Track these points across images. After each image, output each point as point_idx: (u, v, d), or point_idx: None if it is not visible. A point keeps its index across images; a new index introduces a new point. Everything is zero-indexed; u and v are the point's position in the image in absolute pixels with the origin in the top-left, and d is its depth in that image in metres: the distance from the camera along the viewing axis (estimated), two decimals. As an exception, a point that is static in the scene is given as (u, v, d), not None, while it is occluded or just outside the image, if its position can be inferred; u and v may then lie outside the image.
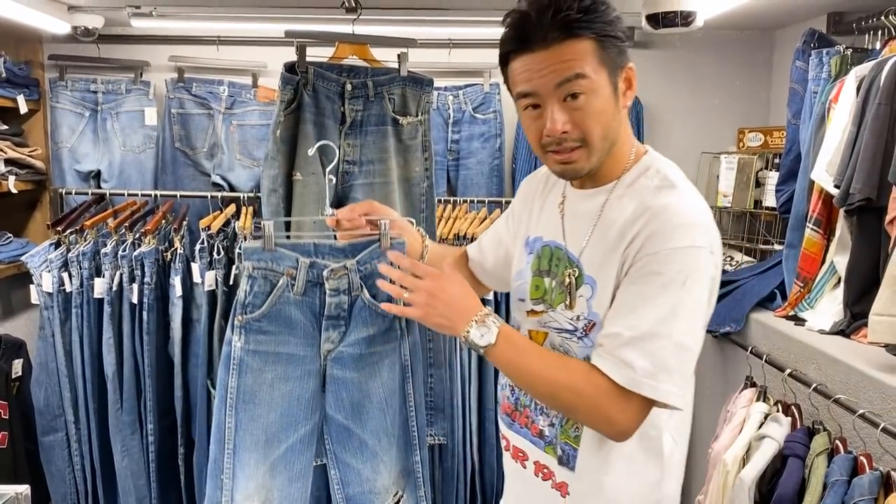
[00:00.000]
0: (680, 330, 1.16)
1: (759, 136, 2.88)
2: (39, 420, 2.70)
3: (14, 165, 2.88)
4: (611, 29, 1.18)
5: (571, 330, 1.29)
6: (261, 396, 1.51)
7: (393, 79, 2.14)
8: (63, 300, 2.64)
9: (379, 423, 1.59)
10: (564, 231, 1.34)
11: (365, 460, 1.59)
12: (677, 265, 1.15)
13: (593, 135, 1.20)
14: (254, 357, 1.51)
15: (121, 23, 2.86)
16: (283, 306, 1.51)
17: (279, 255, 1.49)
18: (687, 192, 1.24)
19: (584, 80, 1.16)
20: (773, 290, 2.35)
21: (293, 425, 1.54)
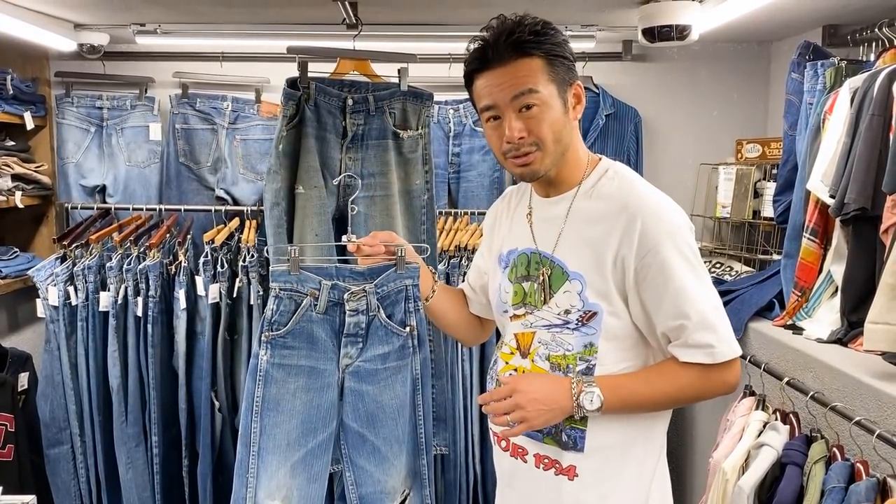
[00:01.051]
0: (711, 294, 1.36)
1: (757, 147, 2.90)
2: (45, 433, 2.72)
3: (21, 181, 2.92)
4: (559, 49, 1.35)
5: (561, 323, 1.41)
6: (283, 405, 1.62)
7: (393, 93, 2.18)
8: (69, 313, 2.66)
9: (391, 431, 1.69)
10: (534, 236, 1.47)
11: (377, 464, 1.69)
12: (678, 247, 1.33)
13: (546, 138, 1.36)
14: (278, 369, 1.61)
15: (126, 40, 2.90)
16: (307, 324, 1.61)
17: (304, 278, 1.60)
18: (645, 184, 1.42)
19: (535, 94, 1.33)
20: (771, 300, 2.37)
21: (312, 431, 1.64)
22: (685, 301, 1.32)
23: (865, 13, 2.37)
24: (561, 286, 1.40)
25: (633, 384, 1.39)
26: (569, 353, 1.40)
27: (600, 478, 1.42)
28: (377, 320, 1.64)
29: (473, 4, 2.41)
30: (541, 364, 1.44)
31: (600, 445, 1.41)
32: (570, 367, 1.40)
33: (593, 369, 1.39)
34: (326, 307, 1.61)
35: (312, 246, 2.07)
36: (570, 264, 1.40)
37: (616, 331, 1.38)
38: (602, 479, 1.42)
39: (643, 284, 1.34)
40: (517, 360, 1.49)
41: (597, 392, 1.34)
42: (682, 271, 1.32)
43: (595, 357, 1.39)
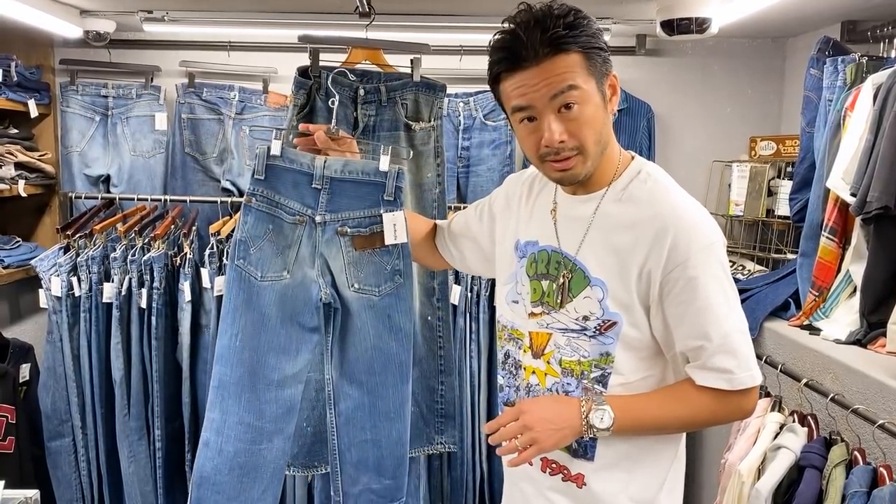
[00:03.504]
0: (737, 317, 1.29)
1: (772, 145, 2.87)
2: (46, 425, 2.70)
3: (24, 169, 2.88)
4: (595, 41, 1.25)
5: (579, 329, 1.35)
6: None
7: (406, 84, 2.13)
8: (71, 304, 2.63)
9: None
10: (558, 234, 1.40)
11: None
12: (709, 264, 1.26)
13: (588, 141, 1.27)
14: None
15: (132, 28, 2.86)
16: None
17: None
18: (680, 192, 1.33)
19: (576, 90, 1.23)
20: (786, 300, 2.33)
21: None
22: (708, 321, 1.26)
23: (885, 9, 2.33)
24: (581, 291, 1.35)
25: (645, 405, 1.33)
26: (584, 359, 1.36)
27: (609, 487, 1.38)
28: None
29: (487, -6, 2.37)
30: (554, 367, 1.40)
31: (611, 455, 1.37)
32: (584, 373, 1.36)
33: (608, 377, 1.34)
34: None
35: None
36: (593, 270, 1.34)
37: (634, 342, 1.33)
38: (611, 489, 1.38)
39: (667, 299, 1.28)
40: (529, 359, 1.44)
41: (608, 410, 1.28)
42: (710, 290, 1.26)
43: (611, 366, 1.34)
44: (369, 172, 1.56)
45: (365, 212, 1.57)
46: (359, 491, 1.69)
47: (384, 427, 1.66)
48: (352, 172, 1.56)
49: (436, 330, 2.25)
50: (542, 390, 1.42)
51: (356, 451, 1.67)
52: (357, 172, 1.56)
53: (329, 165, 1.55)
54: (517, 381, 1.47)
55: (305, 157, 1.55)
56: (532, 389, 1.44)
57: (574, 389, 1.37)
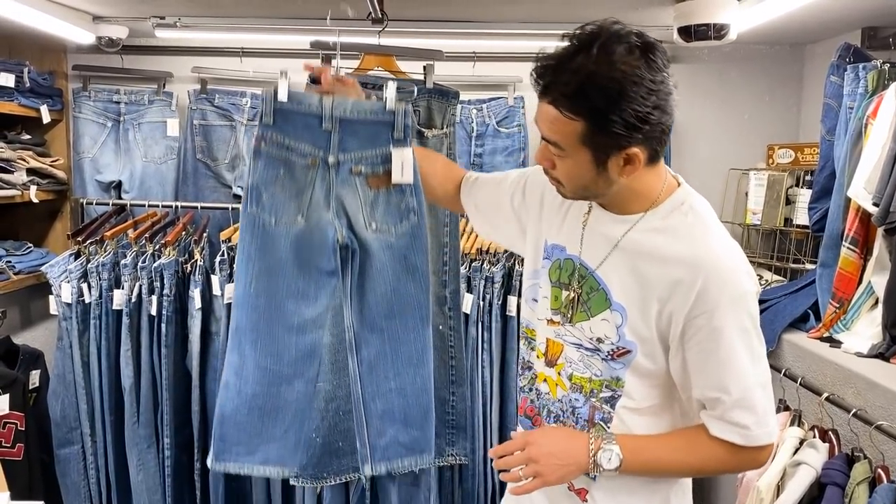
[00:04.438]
0: (760, 371, 1.24)
1: (790, 153, 2.82)
2: (55, 432, 2.67)
3: (36, 175, 2.87)
4: (612, 121, 1.13)
5: (592, 349, 1.32)
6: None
7: (419, 91, 2.11)
8: (82, 311, 2.61)
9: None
10: (582, 244, 1.36)
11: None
12: (738, 315, 1.20)
13: (567, 184, 1.27)
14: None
15: (145, 34, 2.86)
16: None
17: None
18: (721, 233, 1.27)
19: (556, 149, 1.21)
20: (806, 311, 2.29)
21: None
22: (729, 374, 1.22)
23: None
24: (600, 312, 1.31)
25: (655, 449, 1.30)
26: (596, 377, 1.33)
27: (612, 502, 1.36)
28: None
29: (503, 1, 2.34)
30: (564, 380, 1.38)
31: (610, 479, 1.32)
32: (593, 391, 1.33)
33: (617, 399, 1.31)
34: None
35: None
36: (615, 293, 1.29)
37: (647, 371, 1.29)
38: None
39: (689, 343, 1.23)
40: (542, 365, 1.43)
41: (616, 451, 1.25)
42: (734, 342, 1.21)
43: (621, 390, 1.31)
44: (377, 111, 1.55)
45: (377, 150, 1.57)
46: (386, 443, 1.69)
47: (408, 374, 1.66)
48: (360, 112, 1.55)
49: (447, 339, 2.22)
50: (552, 400, 1.41)
51: (381, 402, 1.67)
52: (366, 112, 1.55)
53: (338, 105, 1.53)
54: (528, 384, 1.48)
55: (313, 99, 1.53)
56: (542, 397, 1.43)
57: (581, 406, 1.35)
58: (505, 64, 3.07)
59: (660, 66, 1.17)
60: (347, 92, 1.58)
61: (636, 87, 1.12)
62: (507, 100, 3.05)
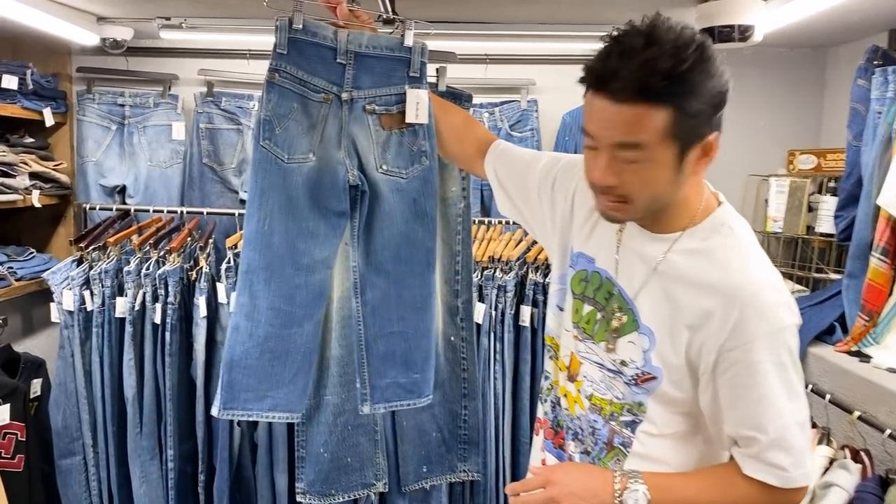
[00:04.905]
0: (798, 409, 1.16)
1: (812, 159, 2.74)
2: (57, 442, 2.62)
3: (39, 179, 2.82)
4: (696, 104, 1.04)
5: (615, 371, 1.25)
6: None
7: (431, 93, 2.04)
8: (84, 319, 2.55)
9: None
10: (618, 267, 1.27)
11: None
12: (776, 350, 1.13)
13: (638, 199, 1.14)
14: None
15: (150, 35, 2.80)
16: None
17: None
18: (761, 259, 1.18)
19: (641, 150, 1.07)
20: (832, 323, 2.21)
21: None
22: (766, 413, 1.14)
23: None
24: (627, 334, 1.23)
25: (684, 488, 1.21)
26: (617, 400, 1.26)
27: None
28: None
29: (517, 1, 2.27)
30: (583, 400, 1.31)
31: None
32: (613, 414, 1.26)
33: (638, 425, 1.24)
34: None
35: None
36: (645, 316, 1.21)
37: (672, 399, 1.22)
38: None
39: (723, 377, 1.15)
40: (563, 379, 1.37)
41: (643, 490, 1.17)
42: (772, 378, 1.13)
43: (643, 415, 1.24)
44: (393, 48, 1.52)
45: (391, 89, 1.53)
46: (386, 384, 1.66)
47: (411, 318, 1.63)
48: (376, 47, 1.51)
49: (459, 351, 2.14)
50: (570, 417, 1.35)
51: (383, 343, 1.64)
52: (381, 47, 1.52)
53: (353, 39, 1.50)
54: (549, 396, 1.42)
55: (328, 31, 1.50)
56: (561, 411, 1.37)
57: (601, 428, 1.29)
58: (518, 66, 3.00)
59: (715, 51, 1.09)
60: (363, 26, 1.53)
61: (713, 64, 1.05)
62: (520, 103, 2.98)
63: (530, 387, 2.56)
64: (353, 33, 1.49)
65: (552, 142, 3.03)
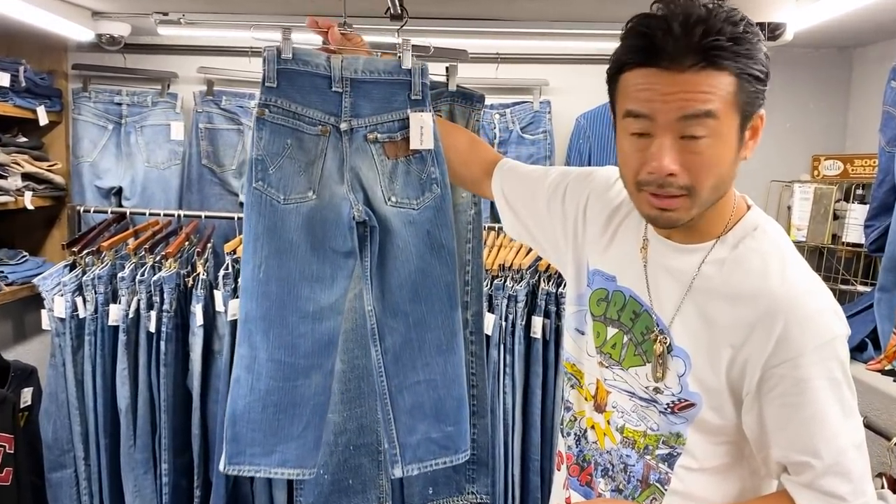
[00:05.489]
0: (854, 427, 1.05)
1: (838, 164, 2.62)
2: (47, 454, 2.53)
3: (32, 180, 2.72)
4: (757, 67, 0.99)
5: (648, 399, 1.14)
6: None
7: (440, 94, 1.93)
8: (76, 326, 2.46)
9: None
10: (649, 287, 1.15)
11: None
12: (826, 364, 1.02)
13: (704, 185, 1.02)
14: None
15: (148, 31, 2.70)
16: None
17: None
18: (801, 264, 1.09)
19: (712, 120, 0.98)
20: (863, 339, 2.10)
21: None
22: (820, 435, 1.03)
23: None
24: None
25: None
26: (652, 432, 1.14)
27: None
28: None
29: (530, -3, 2.17)
30: (614, 433, 1.19)
31: None
32: (648, 447, 1.15)
33: (676, 458, 1.13)
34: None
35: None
36: (678, 338, 1.11)
37: (713, 428, 1.10)
38: None
39: (768, 396, 1.05)
40: (590, 409, 1.25)
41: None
42: (825, 396, 1.02)
43: (682, 447, 1.12)
44: (392, 71, 1.41)
45: (393, 114, 1.42)
46: (417, 441, 1.52)
47: (437, 364, 1.50)
48: (373, 72, 1.41)
49: (468, 366, 2.03)
50: (599, 451, 1.22)
51: (409, 395, 1.50)
52: (379, 71, 1.41)
53: (348, 65, 1.39)
54: (571, 429, 1.30)
55: (320, 58, 1.39)
56: (588, 445, 1.25)
57: (634, 464, 1.16)
58: (531, 66, 2.90)
59: None
60: (357, 50, 1.43)
61: (759, 40, 1.02)
62: (533, 104, 2.88)
63: (541, 402, 2.45)
64: (347, 58, 1.40)
65: (565, 145, 2.92)
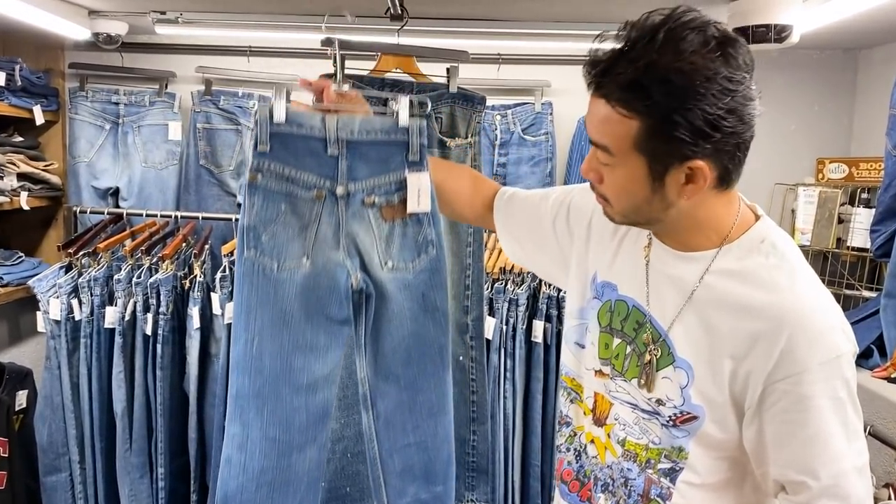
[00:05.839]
0: (857, 451, 1.02)
1: (843, 168, 2.60)
2: (42, 458, 2.50)
3: (28, 180, 2.70)
4: (674, 121, 0.94)
5: (650, 412, 1.12)
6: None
7: (441, 95, 1.91)
8: (71, 329, 2.43)
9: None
10: (649, 293, 1.14)
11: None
12: (831, 382, 1.00)
13: (617, 202, 1.08)
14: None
15: (146, 30, 2.67)
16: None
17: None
18: (810, 278, 1.06)
19: (605, 154, 1.03)
20: (869, 346, 2.07)
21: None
22: (819, 456, 1.01)
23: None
24: (662, 369, 1.10)
25: None
26: (654, 446, 1.12)
27: None
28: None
29: (533, -3, 2.14)
30: (614, 446, 1.17)
31: None
32: (650, 461, 1.12)
33: (679, 473, 1.10)
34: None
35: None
36: (680, 348, 1.08)
37: (715, 442, 1.08)
38: None
39: (770, 412, 1.02)
40: (589, 423, 1.23)
41: None
42: (826, 415, 1.00)
43: (684, 461, 1.10)
44: (389, 130, 1.35)
45: (390, 176, 1.36)
46: (407, 503, 1.48)
47: (428, 426, 1.45)
48: (370, 132, 1.34)
49: (468, 372, 2.01)
50: (600, 466, 1.20)
51: (399, 458, 1.46)
52: (375, 132, 1.34)
53: (344, 126, 1.32)
54: (566, 442, 1.28)
55: (315, 119, 1.32)
56: (588, 461, 1.23)
57: (635, 478, 1.14)
58: (532, 67, 2.88)
59: (740, 65, 0.96)
60: (353, 108, 1.37)
61: (708, 83, 0.93)
62: (534, 105, 2.85)
63: (542, 406, 2.43)
64: (342, 119, 1.34)
65: (567, 146, 2.90)
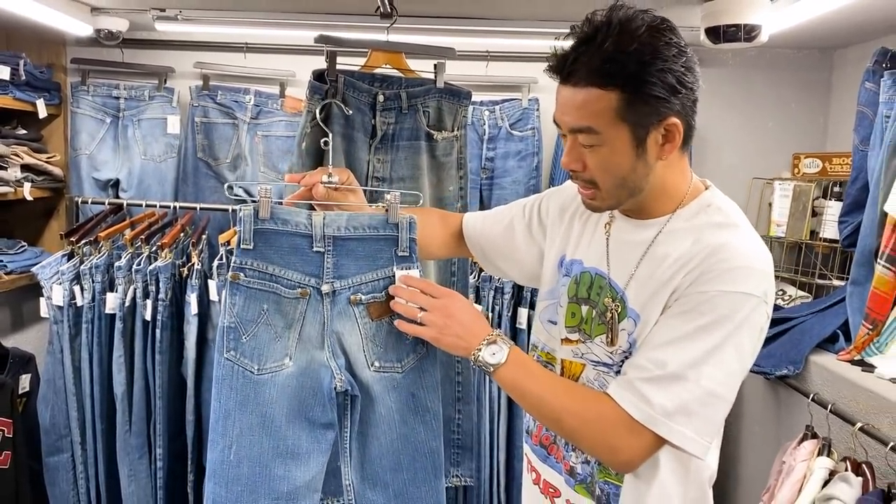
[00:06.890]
0: (711, 376, 1.08)
1: (817, 162, 2.69)
2: (44, 439, 2.58)
3: (31, 171, 2.77)
4: (650, 79, 1.06)
5: (609, 364, 1.21)
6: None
7: (428, 90, 1.99)
8: (73, 315, 2.51)
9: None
10: (609, 259, 1.25)
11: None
12: (723, 310, 1.08)
13: (605, 183, 1.15)
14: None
15: (145, 27, 2.75)
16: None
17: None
18: (749, 234, 1.16)
19: (592, 134, 1.11)
20: (835, 331, 2.16)
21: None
22: (679, 353, 1.08)
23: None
24: (620, 322, 1.20)
25: (538, 375, 1.21)
26: None
27: None
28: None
29: (518, -3, 2.22)
30: None
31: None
32: None
33: None
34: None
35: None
36: (633, 302, 1.19)
37: None
38: None
39: (669, 311, 1.12)
40: None
41: (504, 352, 1.20)
42: (712, 329, 1.07)
43: None
44: (377, 226, 1.34)
45: (378, 273, 1.34)
46: None
47: None
48: (357, 228, 1.33)
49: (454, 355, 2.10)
50: None
51: None
52: (363, 227, 1.33)
53: (330, 222, 1.31)
54: None
55: (300, 215, 1.30)
56: None
57: None
58: (519, 64, 2.95)
59: (681, 36, 1.10)
60: (342, 208, 1.39)
61: (667, 47, 1.06)
62: (521, 101, 2.94)
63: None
64: (329, 215, 1.31)
65: (553, 141, 2.98)
